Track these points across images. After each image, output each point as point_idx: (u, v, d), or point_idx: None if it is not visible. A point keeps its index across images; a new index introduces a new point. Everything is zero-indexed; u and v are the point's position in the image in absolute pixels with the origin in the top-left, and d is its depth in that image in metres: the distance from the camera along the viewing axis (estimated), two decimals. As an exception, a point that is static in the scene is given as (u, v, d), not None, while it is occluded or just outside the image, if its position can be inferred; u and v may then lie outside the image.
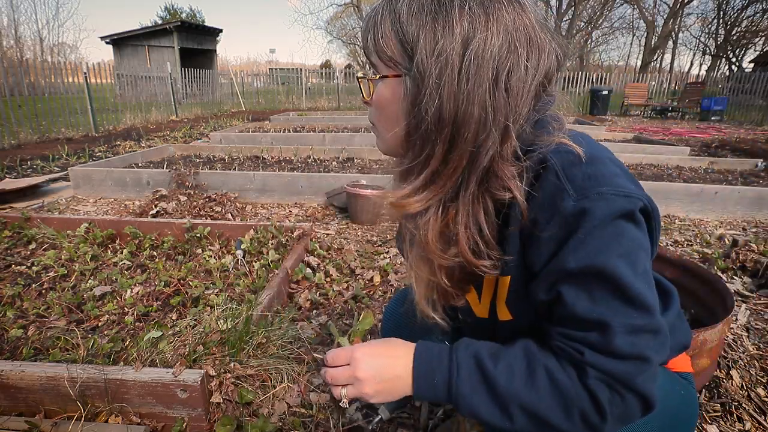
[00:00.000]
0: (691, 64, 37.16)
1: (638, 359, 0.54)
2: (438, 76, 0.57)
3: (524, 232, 0.60)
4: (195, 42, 17.19)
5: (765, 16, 23.26)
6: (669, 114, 12.51)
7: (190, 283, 1.93)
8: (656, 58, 28.11)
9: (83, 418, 1.12)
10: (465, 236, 0.62)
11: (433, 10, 0.58)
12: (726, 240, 2.72)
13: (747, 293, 2.02)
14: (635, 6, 26.01)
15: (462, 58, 0.56)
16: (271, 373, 1.30)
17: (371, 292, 2.00)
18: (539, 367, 0.57)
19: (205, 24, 20.86)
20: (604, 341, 0.54)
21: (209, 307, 1.70)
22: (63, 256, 2.17)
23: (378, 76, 0.64)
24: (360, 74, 0.70)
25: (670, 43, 29.00)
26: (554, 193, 0.56)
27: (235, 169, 4.46)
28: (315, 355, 0.86)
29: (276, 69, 24.11)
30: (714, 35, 27.04)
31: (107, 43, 16.29)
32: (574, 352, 0.56)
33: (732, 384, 1.39)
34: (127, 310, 1.75)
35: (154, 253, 2.27)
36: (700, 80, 14.40)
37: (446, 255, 0.64)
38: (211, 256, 2.18)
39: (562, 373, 0.56)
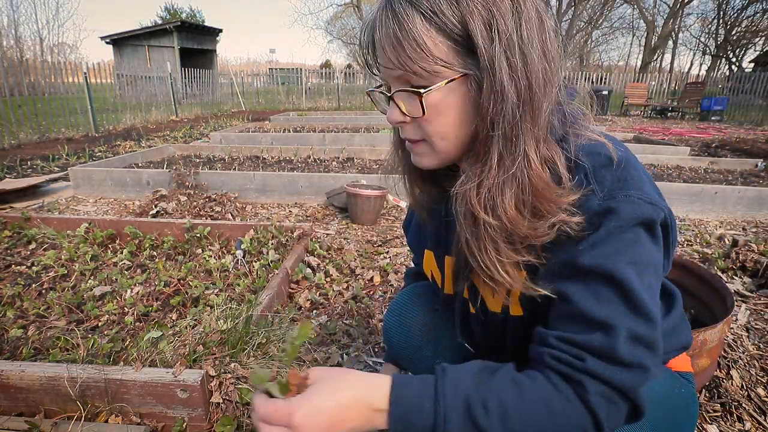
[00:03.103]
0: (691, 64, 37.20)
1: (640, 368, 0.53)
2: (507, 61, 0.53)
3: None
4: (195, 42, 17.19)
5: (765, 16, 23.26)
6: (669, 114, 12.51)
7: (190, 283, 1.93)
8: (656, 58, 28.11)
9: (83, 418, 1.12)
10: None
11: None
12: (726, 240, 2.73)
13: (747, 293, 2.02)
14: (635, 6, 26.01)
15: (518, 32, 0.54)
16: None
17: (371, 292, 2.00)
18: (534, 401, 0.54)
19: (205, 24, 20.86)
20: (609, 345, 0.52)
21: (209, 307, 1.70)
22: (63, 256, 2.17)
23: (435, 86, 0.57)
24: (397, 89, 0.60)
25: (670, 43, 29.01)
26: (584, 190, 0.56)
27: (235, 169, 4.46)
28: (315, 355, 0.86)
29: (276, 69, 24.11)
30: (714, 35, 27.04)
31: (107, 43, 16.29)
32: (573, 359, 0.54)
33: (732, 384, 1.39)
34: (127, 310, 1.75)
35: (154, 253, 2.27)
36: (700, 80, 14.39)
37: (533, 226, 0.58)
38: (211, 256, 2.18)
39: (558, 398, 0.53)
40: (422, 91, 0.57)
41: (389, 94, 0.62)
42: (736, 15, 24.46)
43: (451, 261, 0.77)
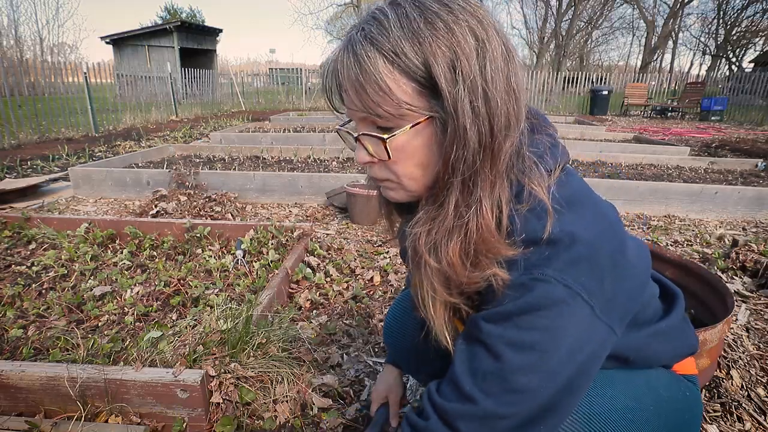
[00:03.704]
0: (691, 64, 37.25)
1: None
2: (471, 100, 0.53)
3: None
4: (195, 42, 17.19)
5: (765, 16, 23.27)
6: (669, 114, 12.51)
7: (190, 283, 1.93)
8: (656, 58, 28.12)
9: (83, 418, 1.12)
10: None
11: (430, 27, 0.52)
12: (726, 240, 2.72)
13: (747, 293, 2.02)
14: (635, 6, 26.02)
15: (483, 74, 0.53)
16: (272, 374, 1.30)
17: (371, 292, 2.00)
18: None
19: (205, 24, 20.86)
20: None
21: (209, 307, 1.70)
22: (63, 256, 2.17)
23: (399, 131, 0.56)
24: (362, 131, 0.60)
25: (670, 43, 29.01)
26: (510, 258, 0.57)
27: (235, 169, 4.45)
28: (315, 355, 0.86)
29: (276, 69, 24.09)
30: (714, 35, 27.05)
31: (107, 43, 16.28)
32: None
33: (732, 384, 1.39)
34: (127, 310, 1.75)
35: (154, 253, 2.27)
36: (700, 80, 14.39)
37: (474, 273, 0.60)
38: (211, 256, 2.18)
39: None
40: (386, 137, 0.56)
41: (355, 136, 0.62)
42: (736, 15, 24.47)
43: None
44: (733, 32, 24.99)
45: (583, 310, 0.54)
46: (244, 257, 2.19)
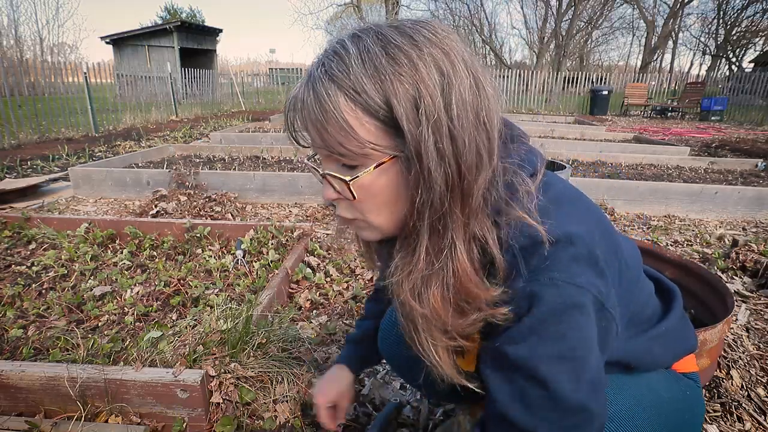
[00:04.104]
0: (691, 64, 37.25)
1: None
2: (435, 141, 0.50)
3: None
4: (195, 42, 17.19)
5: (765, 16, 23.27)
6: (669, 114, 12.51)
7: (190, 283, 1.93)
8: (656, 58, 28.13)
9: (83, 418, 1.12)
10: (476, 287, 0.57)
11: (392, 63, 0.50)
12: (726, 240, 2.72)
13: (747, 293, 2.02)
14: (635, 6, 26.02)
15: (448, 112, 0.50)
16: (272, 374, 1.30)
17: (371, 293, 2.00)
18: None
19: (205, 24, 20.87)
20: None
21: (209, 307, 1.70)
22: (63, 256, 2.17)
23: (362, 172, 0.54)
24: (326, 169, 0.57)
25: (670, 43, 29.02)
26: (509, 272, 0.55)
27: (235, 169, 4.45)
28: (315, 355, 0.86)
29: (276, 69, 24.11)
30: (714, 35, 27.06)
31: (107, 43, 16.28)
32: None
33: (732, 384, 1.39)
34: (127, 310, 1.75)
35: (154, 253, 2.27)
36: (700, 80, 14.39)
37: (466, 316, 0.58)
38: (211, 256, 2.18)
39: None
40: (349, 179, 0.54)
41: (320, 173, 0.59)
42: (736, 15, 24.48)
43: None
44: (733, 32, 25.00)
45: (596, 306, 0.54)
46: (244, 257, 2.19)
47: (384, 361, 1.09)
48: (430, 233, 0.54)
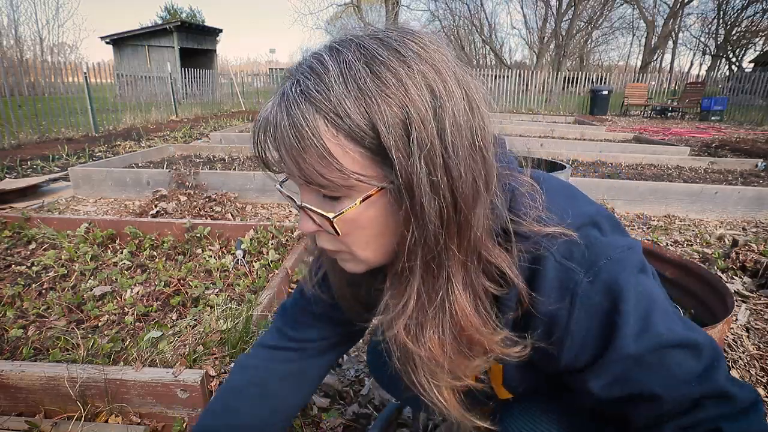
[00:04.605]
0: (691, 64, 37.25)
1: (753, 395, 0.50)
2: (428, 173, 0.45)
3: (523, 321, 0.54)
4: (195, 42, 17.19)
5: (765, 16, 23.28)
6: (669, 114, 12.51)
7: (190, 283, 1.93)
8: (656, 58, 28.13)
9: (83, 418, 1.12)
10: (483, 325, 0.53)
11: (378, 82, 0.44)
12: (726, 240, 2.72)
13: (747, 293, 2.02)
14: (635, 6, 26.02)
15: (442, 139, 0.45)
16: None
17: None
18: None
19: (205, 24, 20.87)
20: (731, 405, 0.49)
21: (209, 307, 1.70)
22: (63, 256, 2.17)
23: (347, 208, 0.48)
24: (305, 201, 0.51)
25: (670, 43, 29.02)
26: (561, 278, 0.50)
27: (235, 169, 4.45)
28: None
29: (276, 69, 24.09)
30: (714, 35, 27.07)
31: (107, 43, 16.28)
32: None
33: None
34: (127, 310, 1.75)
35: (154, 253, 2.27)
36: (700, 80, 14.39)
37: (471, 356, 0.53)
38: (211, 256, 2.18)
39: None
40: (332, 216, 0.48)
41: (298, 204, 0.52)
42: (736, 15, 24.50)
43: None
44: (733, 32, 25.01)
45: (641, 260, 0.53)
46: (244, 257, 2.19)
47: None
48: (424, 274, 0.49)
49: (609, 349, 0.50)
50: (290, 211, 3.34)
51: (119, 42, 16.27)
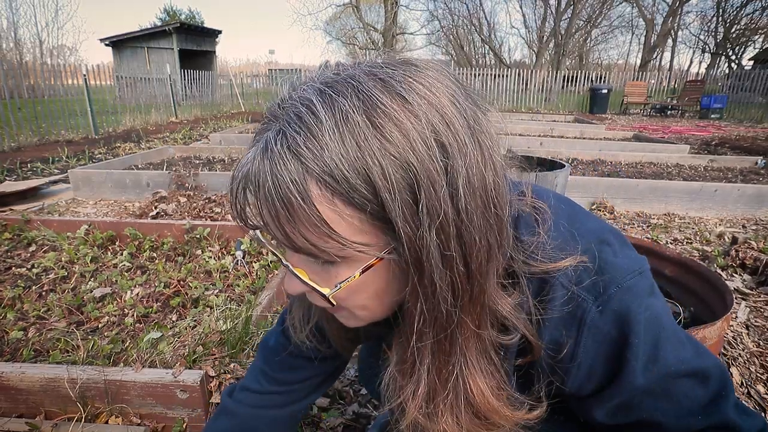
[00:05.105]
0: (691, 62, 37.30)
1: (759, 424, 0.50)
2: (440, 246, 0.39)
3: (538, 363, 0.51)
4: (194, 43, 17.20)
5: (764, 14, 23.27)
6: (669, 112, 12.50)
7: (190, 284, 1.93)
8: (656, 57, 28.13)
9: (83, 419, 1.12)
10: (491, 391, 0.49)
11: (380, 137, 0.37)
12: (726, 238, 2.72)
13: (747, 291, 2.02)
14: (634, 4, 26.02)
15: (454, 200, 0.39)
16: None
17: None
18: None
19: (204, 25, 20.87)
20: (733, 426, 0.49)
21: (209, 308, 1.70)
22: (63, 258, 2.17)
23: (344, 281, 0.43)
24: (294, 262, 0.46)
25: (670, 41, 29.01)
26: (570, 306, 0.47)
27: (234, 170, 4.45)
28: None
29: (275, 70, 24.11)
30: (713, 33, 27.07)
31: (106, 45, 16.29)
32: None
33: (732, 381, 1.39)
34: (127, 311, 1.75)
35: (154, 255, 2.27)
36: (699, 78, 14.39)
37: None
38: (210, 257, 2.18)
39: None
40: (327, 293, 0.44)
41: (284, 262, 0.47)
42: (735, 13, 24.51)
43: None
44: (733, 30, 25.01)
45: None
46: (243, 258, 2.19)
47: None
48: (434, 353, 0.45)
49: (616, 381, 0.48)
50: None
51: (118, 44, 16.28)
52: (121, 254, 2.24)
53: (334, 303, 0.46)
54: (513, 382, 0.52)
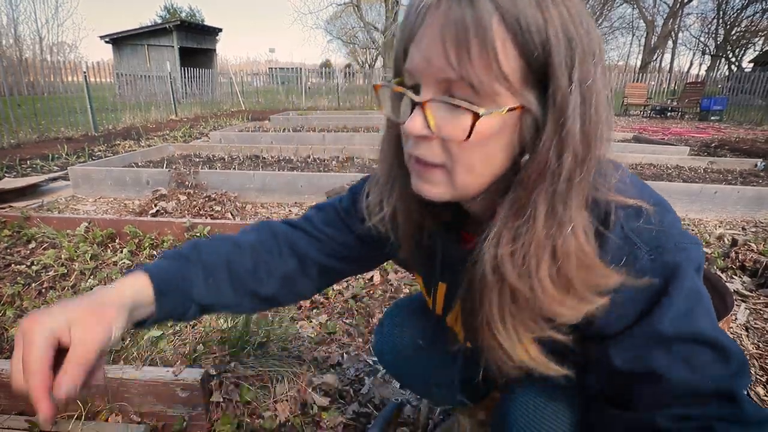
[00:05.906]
0: (691, 64, 37.24)
1: (762, 416, 0.48)
2: (582, 109, 0.44)
3: None
4: (194, 41, 17.19)
5: (764, 16, 23.31)
6: (668, 114, 12.51)
7: (190, 282, 1.93)
8: (656, 58, 28.15)
9: (83, 417, 1.12)
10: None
11: (558, 3, 0.43)
12: (725, 239, 2.73)
13: (746, 292, 2.02)
14: (635, 6, 26.05)
15: (595, 75, 0.44)
16: (272, 373, 1.30)
17: (371, 292, 2.00)
18: None
19: (205, 23, 20.86)
20: (734, 412, 0.48)
21: (209, 307, 1.70)
22: (63, 256, 2.17)
23: (498, 109, 0.44)
24: (434, 96, 0.47)
25: (670, 43, 29.03)
26: (624, 249, 0.49)
27: (234, 168, 4.45)
28: (315, 354, 0.86)
29: (275, 68, 24.10)
30: (713, 35, 27.11)
31: (107, 42, 16.27)
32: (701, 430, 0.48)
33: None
34: (127, 309, 1.75)
35: (154, 253, 2.27)
36: (699, 80, 14.40)
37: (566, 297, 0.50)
38: (211, 256, 2.18)
39: None
40: (481, 112, 0.44)
41: (418, 99, 0.47)
42: (735, 15, 24.53)
43: (443, 287, 0.73)
44: (733, 32, 25.04)
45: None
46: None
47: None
48: (552, 201, 0.46)
49: (643, 322, 0.49)
50: (290, 210, 3.34)
51: (119, 41, 16.26)
52: (121, 252, 2.23)
53: (471, 135, 0.45)
54: None
